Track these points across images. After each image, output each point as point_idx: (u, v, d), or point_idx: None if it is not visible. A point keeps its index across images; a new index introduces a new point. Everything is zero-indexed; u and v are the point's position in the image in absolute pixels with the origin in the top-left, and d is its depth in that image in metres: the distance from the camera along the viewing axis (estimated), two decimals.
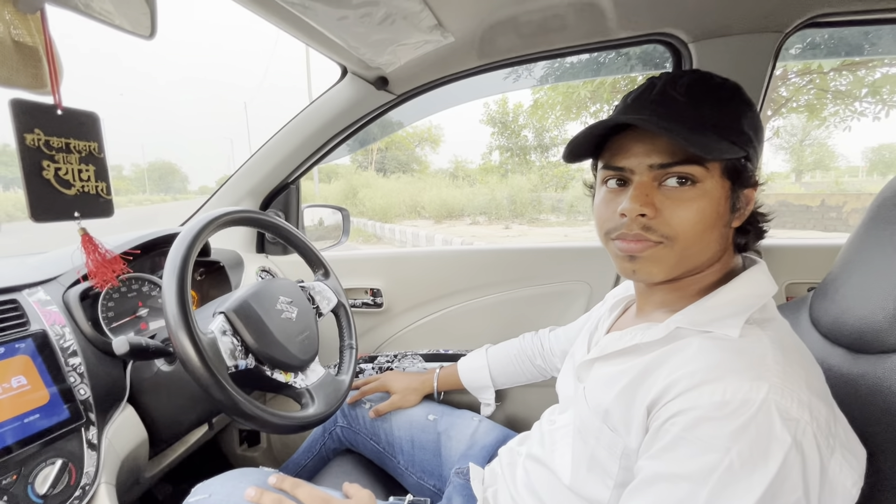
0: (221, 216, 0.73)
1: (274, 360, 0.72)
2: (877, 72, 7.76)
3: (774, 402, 0.39)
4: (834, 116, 8.62)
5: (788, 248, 1.07)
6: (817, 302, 0.65)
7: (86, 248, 0.56)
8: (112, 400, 0.72)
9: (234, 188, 1.18)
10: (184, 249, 0.65)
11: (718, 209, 0.49)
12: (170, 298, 0.60)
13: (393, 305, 1.25)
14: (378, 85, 1.01)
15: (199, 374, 0.59)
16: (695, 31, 0.89)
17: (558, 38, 0.94)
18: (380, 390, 1.02)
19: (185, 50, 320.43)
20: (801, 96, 8.81)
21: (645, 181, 0.50)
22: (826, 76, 8.03)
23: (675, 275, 0.52)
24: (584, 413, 0.57)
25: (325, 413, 0.74)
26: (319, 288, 0.91)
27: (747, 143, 0.49)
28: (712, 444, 0.40)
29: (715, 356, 0.44)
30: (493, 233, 10.75)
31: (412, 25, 0.79)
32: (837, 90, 8.23)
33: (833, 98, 8.34)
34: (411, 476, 0.91)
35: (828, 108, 8.57)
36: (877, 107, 7.81)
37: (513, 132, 18.46)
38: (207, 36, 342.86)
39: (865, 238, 0.59)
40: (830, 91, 8.27)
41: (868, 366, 0.52)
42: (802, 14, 0.83)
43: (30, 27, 0.39)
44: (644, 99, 0.52)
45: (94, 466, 0.64)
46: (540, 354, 0.97)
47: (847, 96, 8.19)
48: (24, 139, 0.41)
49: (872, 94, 7.76)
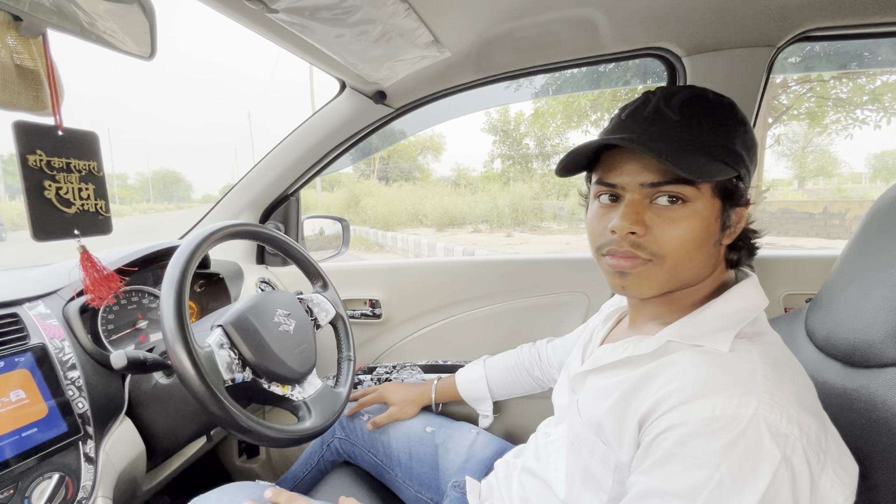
0: (219, 230, 0.74)
1: (271, 372, 0.72)
2: (877, 80, 7.78)
3: (763, 418, 0.39)
4: (835, 124, 8.62)
5: (786, 259, 1.07)
6: (812, 314, 0.65)
7: (84, 266, 0.57)
8: (110, 413, 0.72)
9: (234, 200, 1.20)
10: (182, 264, 0.65)
11: (708, 228, 0.50)
12: (167, 312, 0.61)
13: (392, 316, 1.26)
14: (376, 99, 1.02)
15: (195, 388, 0.59)
16: (688, 46, 0.90)
17: (554, 52, 0.96)
18: (377, 402, 1.02)
19: (189, 61, 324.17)
20: (801, 104, 8.83)
21: (636, 199, 0.50)
22: (826, 84, 8.04)
23: (664, 291, 0.52)
24: (577, 426, 0.57)
25: (322, 426, 0.74)
26: (318, 300, 0.92)
27: (739, 163, 0.50)
28: (702, 460, 0.40)
29: (705, 371, 0.45)
30: (494, 241, 10.76)
31: (409, 42, 0.81)
32: (838, 98, 8.24)
33: (834, 105, 8.35)
34: (409, 489, 0.91)
35: (829, 116, 8.57)
36: (878, 115, 7.81)
37: (514, 140, 18.54)
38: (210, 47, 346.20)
39: (860, 249, 0.59)
40: (831, 99, 8.27)
41: (863, 380, 0.52)
42: (795, 28, 0.84)
43: (31, 51, 0.41)
44: (638, 115, 0.52)
45: (91, 480, 0.64)
46: (538, 366, 0.97)
47: (848, 104, 8.20)
48: (27, 160, 0.42)
49: (873, 101, 7.76)
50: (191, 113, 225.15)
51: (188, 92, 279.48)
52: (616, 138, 0.50)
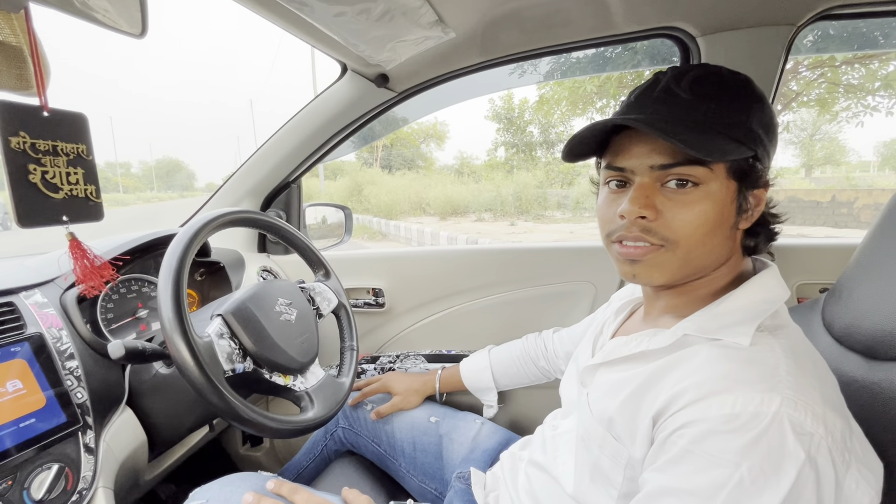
0: (218, 217, 0.72)
1: (272, 362, 0.71)
2: (890, 64, 7.60)
3: (787, 416, 0.37)
4: (846, 111, 8.46)
5: (799, 247, 1.04)
6: (830, 305, 0.63)
7: (74, 254, 0.55)
8: (110, 403, 0.71)
9: (235, 188, 1.18)
10: (180, 252, 0.63)
11: (723, 211, 0.47)
12: (165, 301, 0.59)
13: (395, 305, 1.24)
14: (378, 82, 0.99)
15: (194, 379, 0.58)
16: (703, 25, 0.86)
17: (562, 32, 0.92)
18: (381, 391, 1.01)
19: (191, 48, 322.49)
20: (811, 90, 8.66)
21: (646, 182, 0.48)
22: (838, 70, 7.86)
23: (677, 279, 0.50)
24: (587, 420, 0.55)
25: (324, 416, 0.73)
26: (320, 289, 0.90)
27: (756, 141, 0.47)
28: (721, 458, 0.38)
29: (724, 366, 0.43)
30: (498, 229, 10.72)
31: (412, 21, 0.77)
32: (849, 84, 8.06)
33: (845, 92, 8.18)
34: (413, 479, 0.90)
35: (839, 103, 8.41)
36: (890, 101, 7.64)
37: (518, 128, 18.37)
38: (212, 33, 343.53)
39: (881, 239, 0.56)
40: (842, 85, 8.10)
41: (884, 373, 0.50)
42: (815, 6, 0.80)
43: (13, 26, 0.38)
44: (647, 96, 0.50)
45: (91, 471, 0.64)
46: (543, 356, 0.96)
47: (859, 90, 8.02)
48: (9, 142, 0.40)
49: (885, 87, 7.59)
50: (193, 101, 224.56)
51: (189, 79, 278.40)
52: (621, 118, 0.48)
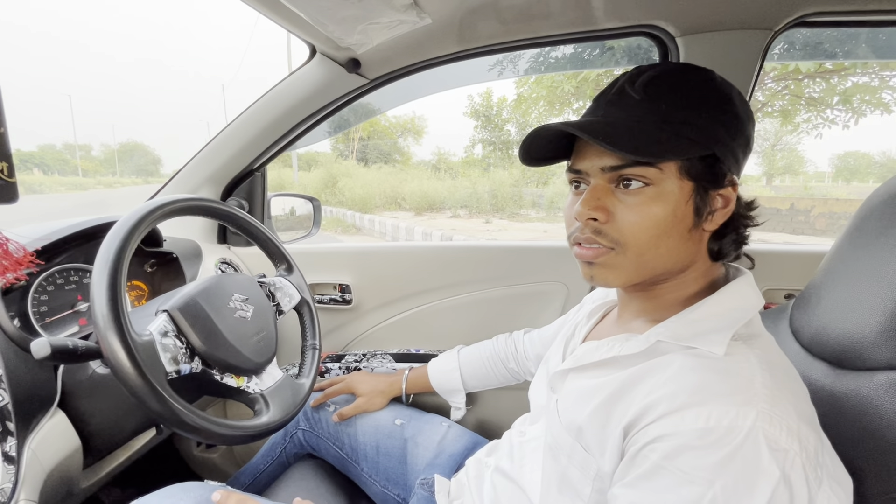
0: (166, 205, 0.65)
1: (224, 363, 0.66)
2: (848, 80, 7.99)
3: (762, 431, 0.36)
4: (806, 123, 8.86)
5: (765, 252, 1.06)
6: (798, 311, 0.63)
7: None
8: (37, 406, 0.64)
9: (192, 174, 1.10)
10: (119, 241, 0.57)
11: (676, 212, 0.45)
12: (98, 295, 0.53)
13: (362, 302, 1.20)
14: (349, 67, 0.94)
15: (130, 382, 0.52)
16: (683, 25, 0.85)
17: (542, 25, 0.89)
18: (345, 392, 0.97)
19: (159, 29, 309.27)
20: (776, 101, 9.02)
21: (599, 184, 0.47)
22: (801, 83, 8.22)
23: (634, 280, 0.49)
24: (555, 429, 0.53)
25: (280, 420, 0.68)
26: (281, 284, 0.85)
27: (713, 139, 0.45)
28: (694, 476, 0.36)
29: (699, 377, 0.41)
30: (473, 226, 10.74)
31: (385, 3, 0.73)
32: (811, 97, 8.45)
33: (806, 104, 8.56)
34: (375, 484, 0.86)
35: (801, 115, 8.80)
36: (847, 115, 8.05)
37: (496, 126, 18.44)
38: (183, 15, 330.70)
39: (851, 247, 0.56)
40: (804, 97, 8.47)
41: (852, 383, 0.50)
42: (793, 12, 0.80)
43: None
44: (603, 98, 0.50)
45: (10, 482, 0.57)
46: (513, 357, 0.93)
47: (820, 103, 8.42)
48: None
49: (843, 102, 7.98)
50: (161, 85, 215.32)
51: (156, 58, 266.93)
52: (562, 124, 0.46)
